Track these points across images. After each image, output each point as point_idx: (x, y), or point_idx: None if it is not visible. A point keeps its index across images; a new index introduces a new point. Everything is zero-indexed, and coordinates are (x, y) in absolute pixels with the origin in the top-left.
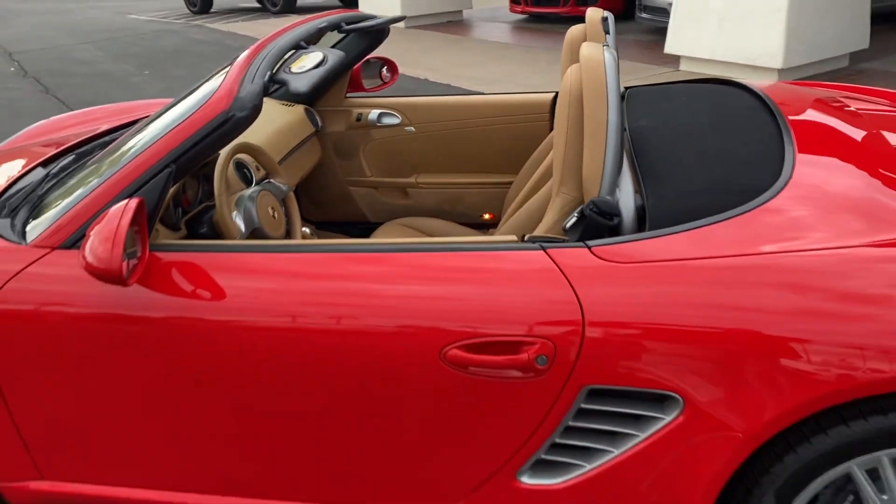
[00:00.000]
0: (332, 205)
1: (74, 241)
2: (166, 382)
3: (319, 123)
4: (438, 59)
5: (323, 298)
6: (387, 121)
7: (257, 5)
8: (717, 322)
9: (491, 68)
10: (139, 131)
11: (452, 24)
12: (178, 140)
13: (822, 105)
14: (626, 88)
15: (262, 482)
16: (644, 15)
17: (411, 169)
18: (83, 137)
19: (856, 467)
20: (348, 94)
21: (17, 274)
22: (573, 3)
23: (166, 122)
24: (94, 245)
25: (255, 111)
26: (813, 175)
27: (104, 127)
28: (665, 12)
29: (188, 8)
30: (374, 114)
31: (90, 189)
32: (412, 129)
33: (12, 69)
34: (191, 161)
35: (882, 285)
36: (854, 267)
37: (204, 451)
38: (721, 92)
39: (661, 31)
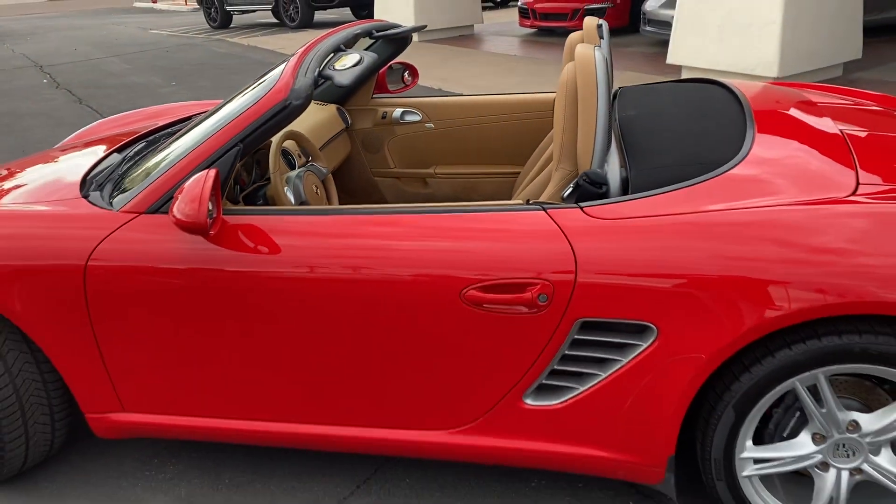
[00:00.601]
0: (359, 193)
1: (157, 207)
2: (233, 324)
3: (349, 121)
4: (451, 71)
5: (364, 253)
6: (409, 118)
7: (275, 21)
8: (684, 264)
9: (501, 79)
10: (207, 118)
11: (464, 37)
12: (245, 123)
13: (786, 99)
14: (620, 88)
15: (311, 409)
16: (648, 28)
17: (430, 161)
18: (147, 130)
19: (798, 384)
20: (374, 95)
21: (109, 235)
22: (580, 17)
23: (233, 109)
24: (182, 205)
25: (308, 100)
26: (766, 151)
27: (162, 122)
28: (668, 25)
29: (208, 23)
30: (397, 112)
31: (171, 164)
32: (431, 125)
33: (45, 81)
34: (255, 141)
35: (815, 233)
36: (794, 219)
37: (263, 381)
38: (701, 89)
39: (665, 44)
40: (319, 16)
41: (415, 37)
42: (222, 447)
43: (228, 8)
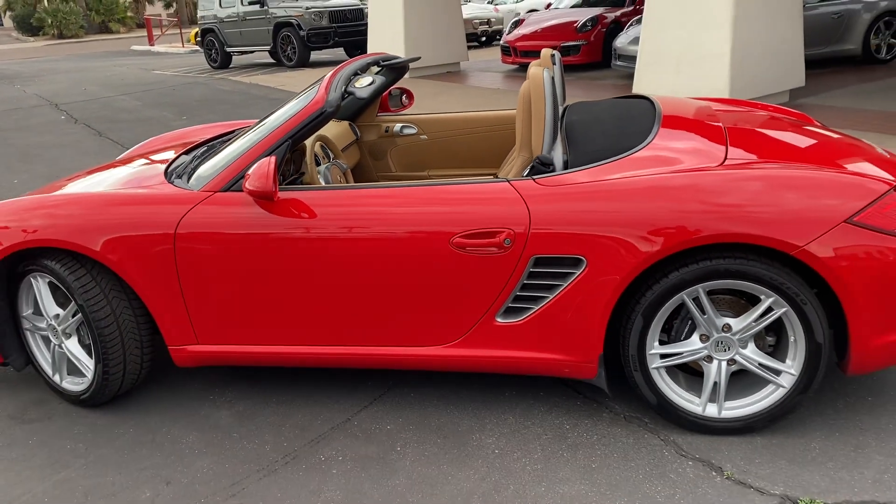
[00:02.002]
0: None
1: (228, 187)
2: (283, 271)
3: (359, 134)
4: (440, 103)
5: (379, 215)
6: (407, 132)
7: (272, 61)
8: (602, 215)
9: (485, 109)
10: (260, 124)
11: (451, 73)
12: (293, 125)
13: (692, 107)
14: (570, 104)
15: (342, 334)
16: (619, 63)
17: (425, 166)
18: (202, 140)
19: (686, 297)
20: (378, 114)
21: (192, 208)
22: (561, 62)
23: (282, 115)
24: (254, 180)
25: (337, 110)
26: (663, 141)
27: (211, 135)
28: (636, 60)
29: (209, 64)
30: (397, 126)
31: (237, 156)
32: (426, 137)
33: (62, 117)
34: (300, 137)
35: (690, 190)
36: (674, 181)
37: (305, 314)
38: (630, 102)
39: (633, 76)
40: (315, 55)
41: (407, 73)
42: (270, 375)
43: (228, 49)
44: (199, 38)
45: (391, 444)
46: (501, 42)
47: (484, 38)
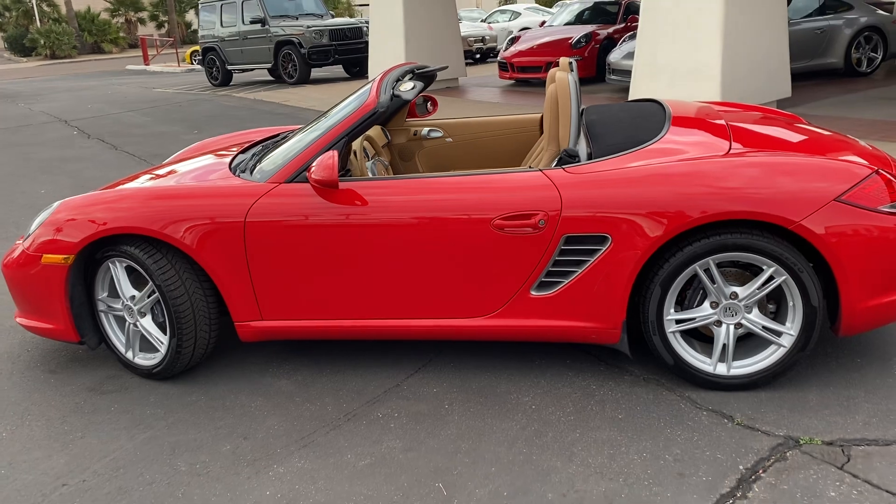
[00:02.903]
0: None
1: (293, 178)
2: (345, 252)
3: (389, 137)
4: (442, 116)
5: (427, 201)
6: (433, 135)
7: (271, 78)
8: (623, 197)
9: (504, 114)
10: (315, 123)
11: (451, 89)
12: (350, 122)
13: (697, 107)
14: (587, 106)
15: (394, 307)
16: (613, 77)
17: (450, 166)
18: (253, 141)
19: (698, 268)
20: (407, 119)
21: (259, 198)
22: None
23: (338, 115)
24: (319, 171)
25: (388, 110)
26: (675, 136)
27: (258, 138)
28: (629, 74)
29: (210, 81)
30: (424, 130)
31: (299, 152)
32: (450, 139)
33: (75, 133)
34: (355, 134)
35: (700, 175)
36: (686, 167)
37: (361, 291)
38: (642, 104)
39: (626, 90)
40: (315, 73)
41: None
42: (323, 349)
43: (229, 67)
44: (196, 58)
45: (439, 403)
46: (498, 58)
47: (479, 56)
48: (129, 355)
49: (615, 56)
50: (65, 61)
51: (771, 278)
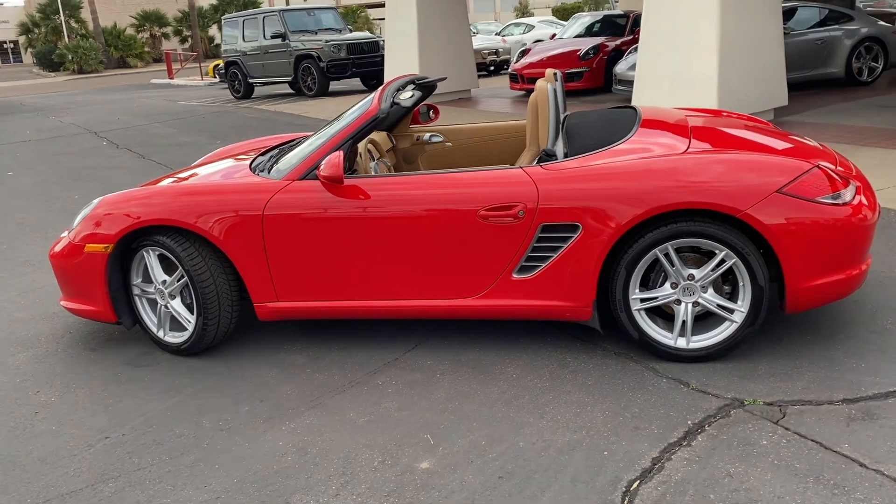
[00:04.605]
0: None
1: (305, 176)
2: (350, 241)
3: (394, 142)
4: (447, 123)
5: (421, 195)
6: (434, 140)
7: (291, 91)
8: (592, 190)
9: (500, 121)
10: (326, 128)
11: (463, 100)
12: (355, 127)
13: (668, 113)
14: (570, 112)
15: (394, 289)
16: (619, 87)
17: (450, 168)
18: (271, 146)
19: (658, 252)
20: (411, 126)
21: (276, 193)
22: (562, 80)
23: (344, 121)
24: (327, 168)
25: (388, 116)
26: (641, 137)
27: (277, 142)
28: (633, 84)
29: (232, 94)
30: (427, 136)
31: (311, 153)
32: (450, 144)
33: (104, 143)
34: (360, 137)
35: (657, 171)
36: (645, 163)
37: (365, 275)
38: (620, 110)
39: (631, 99)
40: (333, 86)
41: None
42: (332, 328)
43: (251, 80)
44: (219, 71)
45: (432, 373)
46: (510, 70)
47: (493, 68)
48: (161, 334)
49: (621, 67)
50: (92, 76)
51: (723, 261)
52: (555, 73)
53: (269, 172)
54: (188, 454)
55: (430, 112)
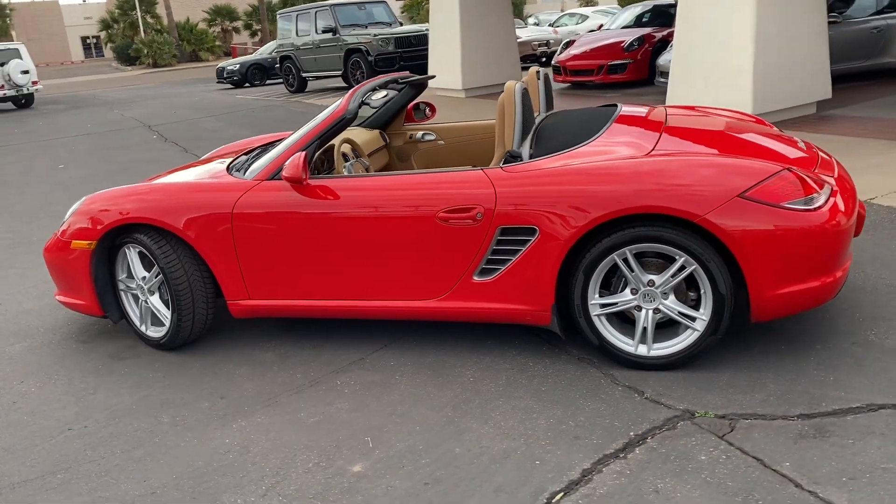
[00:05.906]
0: None
1: (272, 176)
2: (315, 240)
3: (388, 140)
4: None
5: (384, 197)
6: (427, 138)
7: (343, 84)
8: (549, 193)
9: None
10: (299, 129)
11: None
12: (321, 128)
13: (649, 111)
14: (554, 111)
15: (359, 290)
16: (661, 79)
17: (442, 166)
18: (255, 146)
19: (616, 257)
20: (405, 123)
21: (245, 192)
22: (605, 72)
23: (314, 121)
24: (289, 169)
25: (354, 117)
26: (608, 138)
27: (265, 142)
28: None
29: (287, 89)
30: (419, 134)
31: (279, 154)
32: (443, 142)
33: (154, 137)
34: (326, 138)
35: (616, 174)
36: (604, 166)
37: (330, 274)
38: (601, 109)
39: None
40: None
41: (464, 92)
42: (310, 327)
43: (304, 75)
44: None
45: (391, 374)
46: (553, 62)
47: (544, 59)
48: (143, 328)
49: (664, 59)
50: (165, 69)
51: (683, 268)
52: (538, 71)
53: (244, 172)
54: (139, 448)
55: (427, 110)
